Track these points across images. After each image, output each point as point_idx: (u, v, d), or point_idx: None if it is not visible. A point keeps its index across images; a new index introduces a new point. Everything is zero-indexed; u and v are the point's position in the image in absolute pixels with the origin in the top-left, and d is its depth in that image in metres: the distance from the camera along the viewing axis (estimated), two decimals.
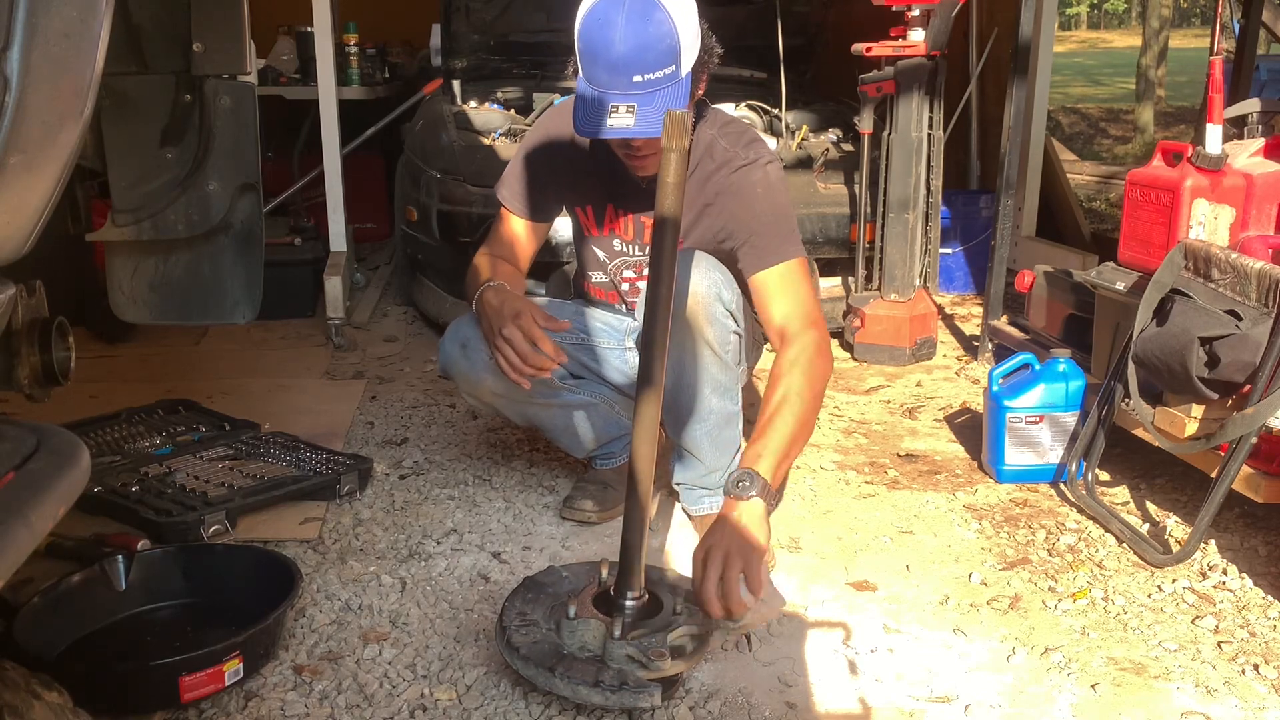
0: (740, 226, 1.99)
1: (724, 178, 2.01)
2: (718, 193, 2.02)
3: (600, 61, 1.76)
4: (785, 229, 2.00)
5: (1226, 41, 3.75)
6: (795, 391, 1.79)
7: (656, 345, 1.61)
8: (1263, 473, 1.99)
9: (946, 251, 4.18)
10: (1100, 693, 1.66)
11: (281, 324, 3.79)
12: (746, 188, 1.99)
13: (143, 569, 1.85)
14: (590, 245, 2.21)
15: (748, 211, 1.99)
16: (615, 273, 2.21)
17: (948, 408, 3.02)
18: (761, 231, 1.97)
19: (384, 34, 5.27)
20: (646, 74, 1.75)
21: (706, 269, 1.94)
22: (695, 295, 1.93)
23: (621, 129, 1.78)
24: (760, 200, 1.99)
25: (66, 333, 1.33)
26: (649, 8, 1.75)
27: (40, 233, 1.07)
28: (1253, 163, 2.36)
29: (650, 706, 1.54)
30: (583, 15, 1.79)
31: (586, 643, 1.60)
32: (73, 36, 0.98)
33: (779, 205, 2.01)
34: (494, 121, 3.70)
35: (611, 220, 2.14)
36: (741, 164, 2.01)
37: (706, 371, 1.99)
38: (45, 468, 1.02)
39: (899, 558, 2.11)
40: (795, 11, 4.29)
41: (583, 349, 2.23)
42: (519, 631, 1.63)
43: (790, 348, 1.88)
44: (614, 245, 2.17)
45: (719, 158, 2.02)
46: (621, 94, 1.77)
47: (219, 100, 1.89)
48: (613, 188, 2.11)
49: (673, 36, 1.76)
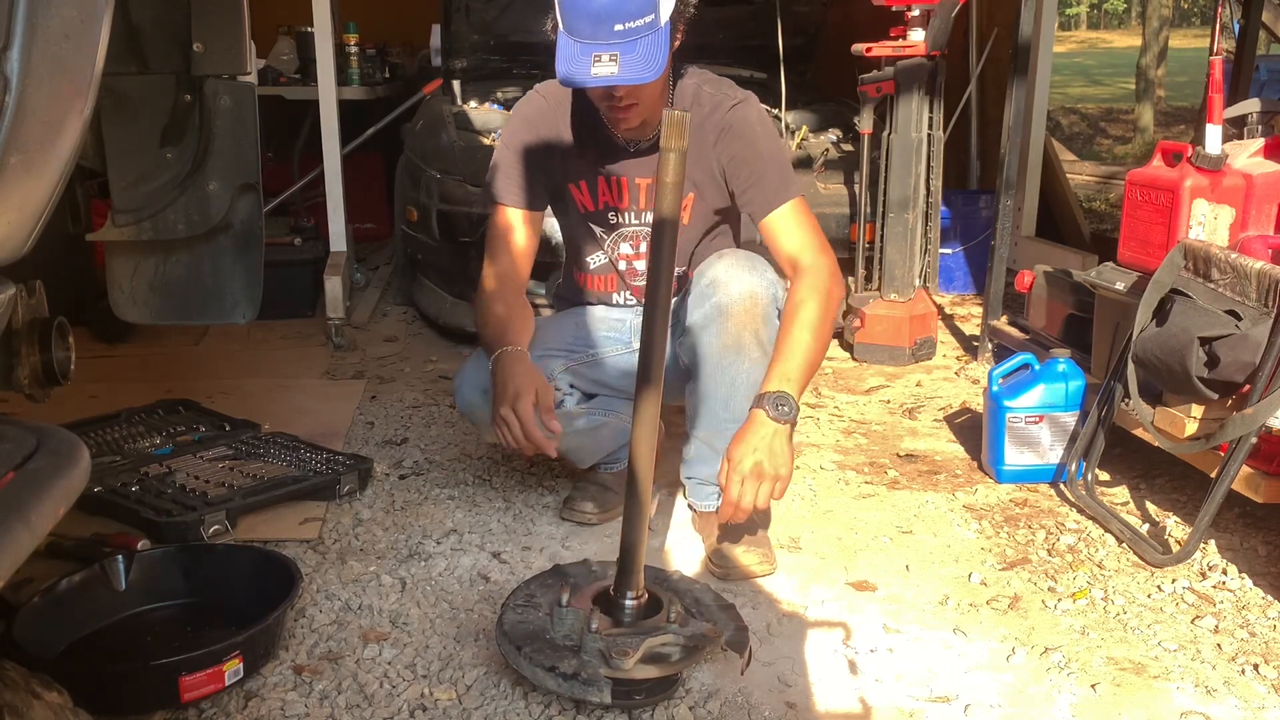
0: (744, 167, 2.06)
1: (720, 117, 2.06)
2: (720, 132, 2.06)
3: (582, 12, 1.80)
4: (785, 168, 2.09)
5: (1226, 41, 3.75)
6: (816, 315, 1.91)
7: (656, 345, 1.61)
8: (1262, 473, 1.99)
9: (946, 251, 4.18)
10: (1100, 693, 1.66)
11: (281, 324, 3.79)
12: (746, 127, 2.06)
13: (143, 569, 1.85)
14: (586, 224, 2.22)
15: (751, 151, 2.05)
16: (613, 248, 2.22)
17: (948, 408, 3.02)
18: (766, 172, 2.05)
19: (384, 34, 5.27)
20: (627, 22, 1.79)
21: (764, 270, 2.02)
22: (755, 297, 1.98)
23: (606, 77, 1.81)
24: (761, 139, 2.06)
25: (66, 333, 1.33)
26: None
27: (40, 233, 1.07)
28: (1252, 163, 2.36)
29: (598, 703, 1.55)
30: None
31: (571, 632, 1.61)
32: (73, 36, 0.98)
33: (777, 143, 2.11)
34: (494, 121, 3.70)
35: (605, 192, 2.16)
36: (734, 103, 2.07)
37: (752, 375, 1.98)
38: (45, 468, 1.02)
39: (899, 558, 2.11)
40: (795, 11, 4.29)
41: (591, 365, 2.24)
42: (515, 610, 1.67)
43: (805, 275, 1.98)
44: (609, 218, 2.19)
45: (708, 102, 2.07)
46: (604, 43, 1.80)
47: (219, 100, 1.89)
48: (600, 157, 2.13)
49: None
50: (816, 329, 1.91)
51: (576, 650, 1.58)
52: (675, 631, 1.61)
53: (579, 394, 2.25)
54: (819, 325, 1.91)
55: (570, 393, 2.23)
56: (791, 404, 1.84)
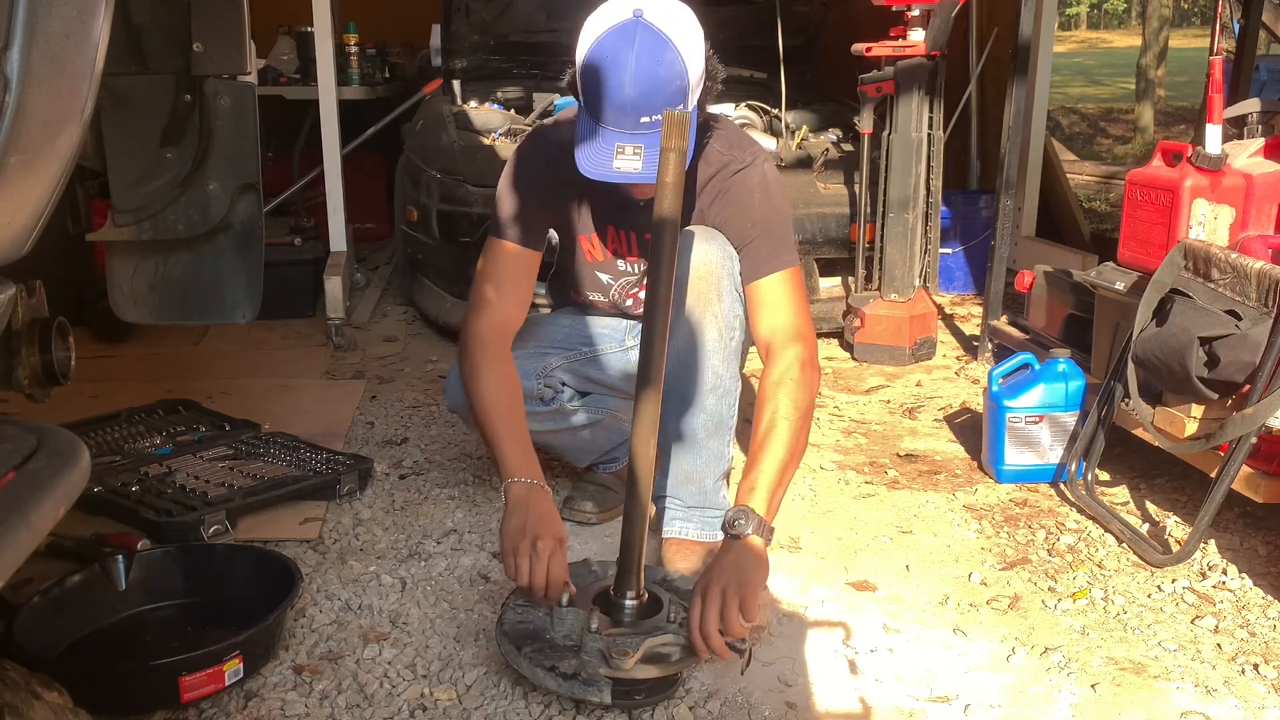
0: (736, 234, 1.95)
1: (721, 181, 1.95)
2: (715, 195, 1.97)
3: (608, 100, 1.70)
4: (781, 236, 1.96)
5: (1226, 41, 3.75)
6: (783, 415, 1.76)
7: (656, 344, 1.61)
8: (1262, 473, 1.99)
9: (946, 251, 4.18)
10: (1100, 693, 1.66)
11: (281, 324, 3.79)
12: (744, 194, 1.95)
13: (143, 569, 1.85)
14: (592, 270, 2.13)
15: (745, 218, 1.95)
16: (620, 292, 2.15)
17: (948, 408, 3.02)
18: (758, 239, 1.94)
19: (384, 34, 5.26)
20: (655, 115, 1.69)
21: (722, 243, 1.93)
22: (709, 265, 1.89)
23: (629, 173, 1.73)
24: (758, 206, 1.95)
25: (66, 333, 1.33)
26: (659, 48, 1.69)
27: (40, 233, 1.07)
28: (1253, 163, 2.36)
29: (598, 702, 1.55)
30: (590, 44, 1.73)
31: (571, 632, 1.61)
32: (73, 36, 0.98)
33: (776, 210, 1.97)
34: (494, 121, 3.70)
35: (614, 241, 2.08)
36: (739, 167, 1.95)
37: (708, 361, 1.93)
38: (45, 468, 1.02)
39: (899, 558, 2.11)
40: (795, 11, 4.29)
41: (586, 363, 2.21)
42: (516, 610, 1.67)
43: (776, 364, 1.84)
44: (618, 266, 2.11)
45: (715, 162, 1.96)
46: (628, 134, 1.72)
47: (219, 100, 1.89)
48: (610, 210, 2.04)
49: (683, 77, 1.71)
50: (787, 438, 1.75)
51: (576, 650, 1.58)
52: (675, 632, 1.61)
53: (571, 391, 2.23)
54: (789, 433, 1.75)
55: (562, 390, 2.21)
56: (749, 518, 1.66)
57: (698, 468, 2.03)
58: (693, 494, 2.05)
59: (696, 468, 2.03)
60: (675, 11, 1.75)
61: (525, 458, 1.83)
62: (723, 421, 2.00)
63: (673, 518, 2.07)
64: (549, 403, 2.16)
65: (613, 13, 1.73)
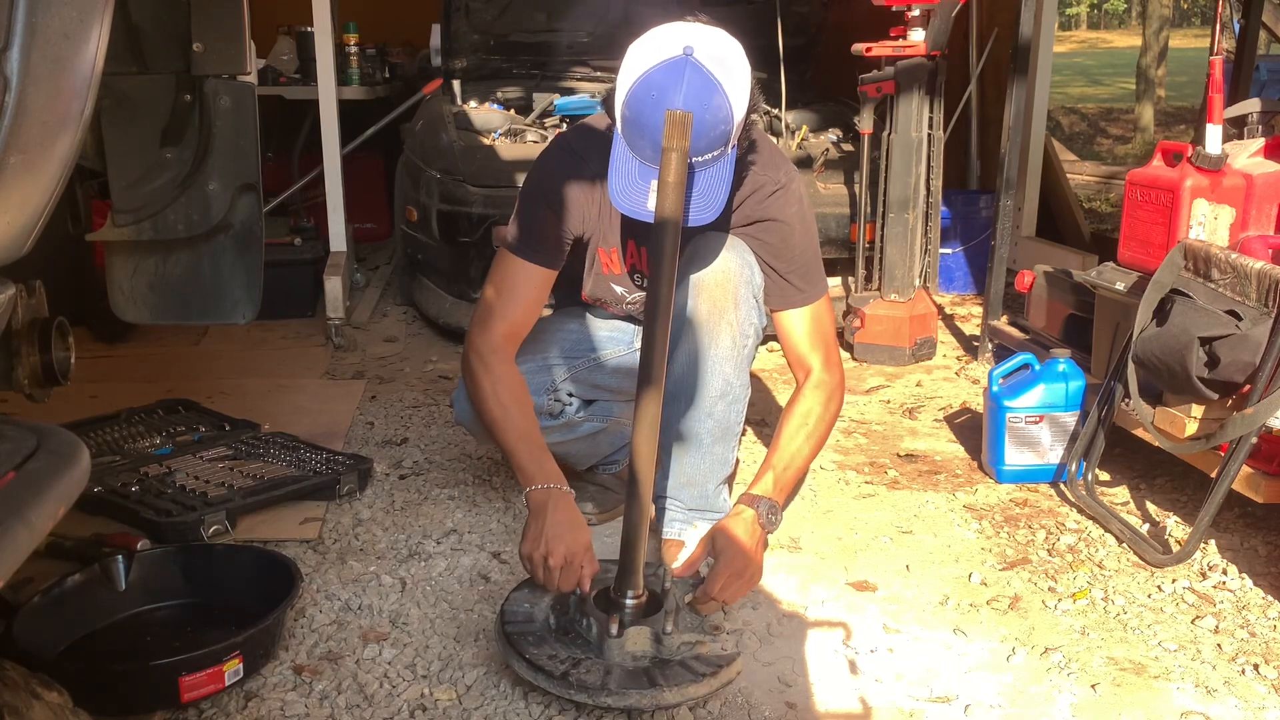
0: (776, 259, 1.96)
1: (757, 204, 1.93)
2: (752, 220, 1.95)
3: (649, 137, 1.62)
4: (816, 265, 2.02)
5: (1226, 41, 3.76)
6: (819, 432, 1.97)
7: (657, 344, 1.61)
8: (1263, 473, 1.99)
9: (946, 251, 4.18)
10: (1100, 693, 1.66)
11: (281, 324, 3.79)
12: (784, 220, 1.95)
13: (143, 569, 1.85)
14: (608, 283, 2.10)
15: (785, 246, 1.96)
16: (635, 304, 2.13)
17: (948, 408, 3.02)
18: (796, 270, 1.97)
19: (384, 34, 5.27)
20: (696, 157, 1.64)
21: (742, 251, 1.94)
22: (728, 272, 1.90)
23: None
24: (797, 234, 1.96)
25: (66, 333, 1.33)
26: (708, 92, 1.61)
27: (40, 233, 1.07)
28: (1253, 163, 2.36)
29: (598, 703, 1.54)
30: (638, 78, 1.64)
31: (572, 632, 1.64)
32: (73, 36, 0.98)
33: (812, 239, 2.02)
34: (494, 121, 3.70)
35: (634, 256, 2.05)
36: (774, 189, 1.93)
37: (719, 368, 1.94)
38: (45, 468, 1.02)
39: (899, 558, 2.11)
40: (795, 11, 4.29)
41: (592, 369, 2.20)
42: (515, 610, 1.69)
43: (818, 385, 1.98)
44: (634, 279, 2.08)
45: (749, 184, 1.92)
46: None
47: (219, 100, 1.89)
48: (631, 224, 1.97)
49: (728, 121, 1.65)
50: (815, 445, 1.98)
51: (576, 650, 1.58)
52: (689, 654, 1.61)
53: (578, 402, 2.21)
54: (817, 442, 1.98)
55: (570, 402, 2.20)
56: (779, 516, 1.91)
57: (701, 471, 2.04)
58: (694, 497, 2.05)
59: (700, 471, 2.04)
60: (726, 52, 1.67)
61: (541, 464, 1.85)
62: (729, 428, 2.02)
63: (672, 519, 2.08)
64: (558, 416, 2.16)
65: (663, 46, 1.64)
